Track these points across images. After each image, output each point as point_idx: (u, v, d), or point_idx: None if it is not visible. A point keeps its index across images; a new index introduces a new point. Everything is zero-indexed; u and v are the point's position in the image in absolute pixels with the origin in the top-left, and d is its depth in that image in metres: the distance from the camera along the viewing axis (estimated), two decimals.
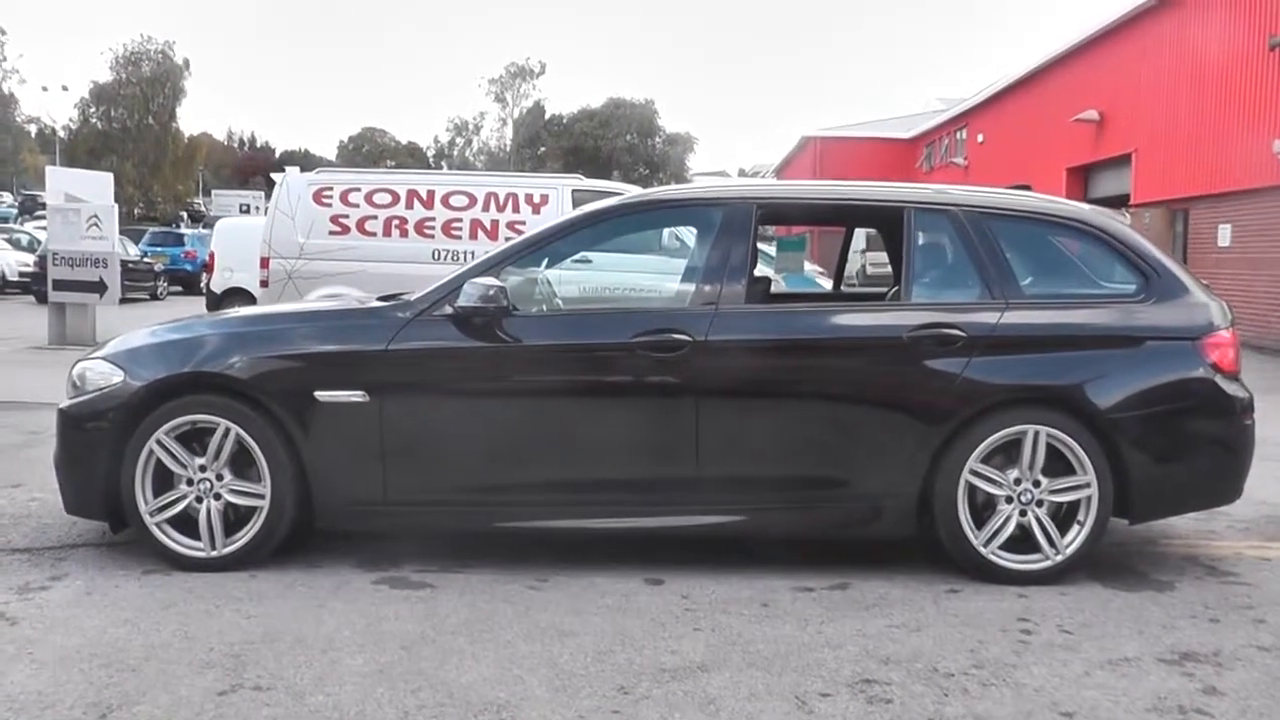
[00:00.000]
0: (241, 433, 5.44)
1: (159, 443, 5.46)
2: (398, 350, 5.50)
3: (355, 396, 5.44)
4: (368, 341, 5.54)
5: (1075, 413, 5.53)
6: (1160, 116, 25.37)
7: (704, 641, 4.68)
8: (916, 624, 4.97)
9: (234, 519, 5.53)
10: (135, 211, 63.54)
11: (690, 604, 5.15)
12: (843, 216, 7.21)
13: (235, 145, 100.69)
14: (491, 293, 5.44)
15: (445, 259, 12.62)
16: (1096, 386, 5.54)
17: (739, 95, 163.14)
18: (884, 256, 10.16)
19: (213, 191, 69.32)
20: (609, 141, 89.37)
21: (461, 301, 5.47)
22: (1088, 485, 5.52)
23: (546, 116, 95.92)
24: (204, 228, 40.97)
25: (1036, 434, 5.50)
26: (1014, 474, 5.53)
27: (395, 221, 13.11)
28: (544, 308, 6.12)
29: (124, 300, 21.51)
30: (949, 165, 44.67)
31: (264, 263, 13.36)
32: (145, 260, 31.33)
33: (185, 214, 63.09)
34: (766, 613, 5.07)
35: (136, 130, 68.37)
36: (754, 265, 5.91)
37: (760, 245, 6.67)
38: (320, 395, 5.44)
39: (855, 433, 5.60)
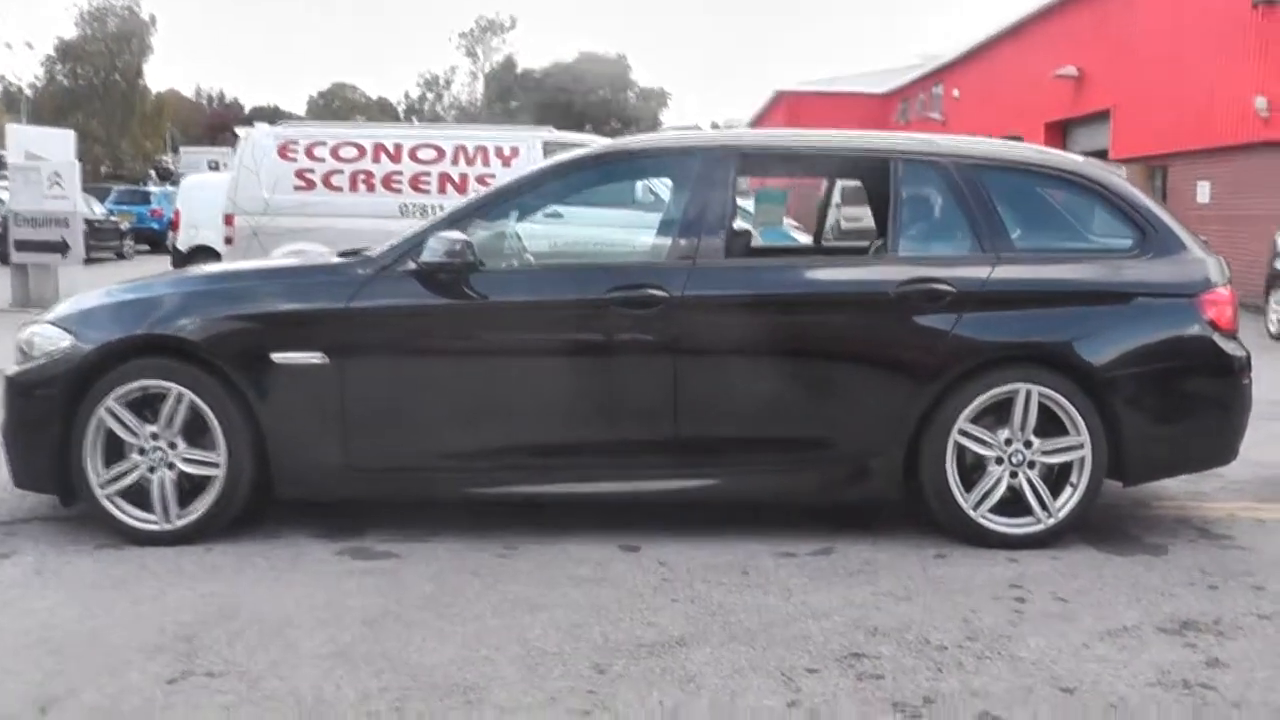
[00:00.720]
0: (194, 398, 5.15)
1: (109, 410, 5.17)
2: (358, 309, 5.22)
3: (313, 358, 5.17)
4: (326, 300, 5.25)
5: (1068, 371, 5.32)
6: (1140, 73, 25.13)
7: (683, 613, 4.45)
8: (905, 592, 4.75)
9: (190, 489, 5.25)
10: (103, 169, 62.72)
11: (668, 572, 4.92)
12: (826, 167, 6.93)
13: (204, 102, 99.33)
14: (457, 247, 5.15)
15: (414, 214, 12.34)
16: (1090, 344, 5.33)
17: (711, 49, 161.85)
18: (859, 211, 9.87)
19: (180, 148, 68.49)
20: (581, 96, 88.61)
21: (425, 257, 5.19)
22: (1081, 446, 5.31)
23: (518, 71, 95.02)
24: (172, 185, 40.33)
25: (1028, 393, 5.28)
26: (1004, 434, 5.32)
27: (362, 176, 12.83)
28: (513, 263, 5.84)
29: (90, 260, 21.12)
30: (925, 120, 44.41)
31: (228, 220, 13.11)
32: (111, 219, 30.82)
33: (154, 171, 62.27)
34: (748, 581, 4.84)
35: (103, 87, 67.40)
36: (733, 218, 5.65)
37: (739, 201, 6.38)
38: (276, 357, 5.16)
39: (840, 392, 5.37)
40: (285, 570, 4.88)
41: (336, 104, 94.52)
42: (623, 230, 10.16)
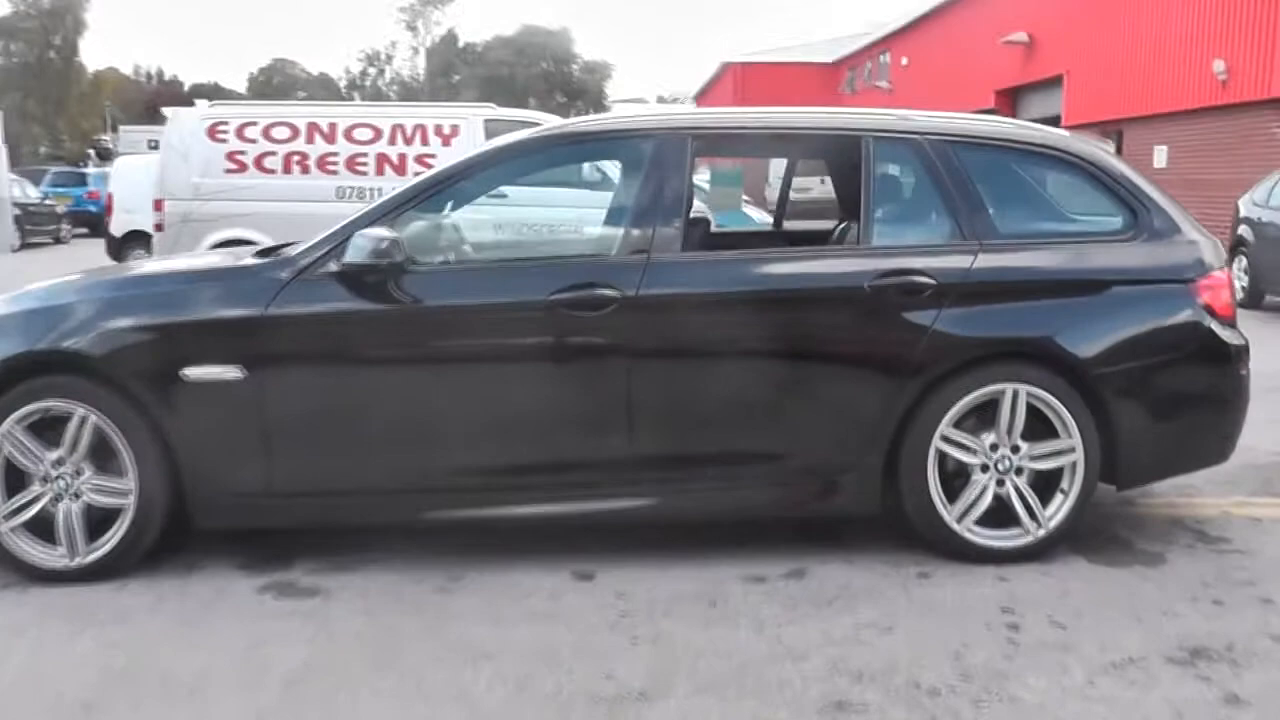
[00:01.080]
0: (100, 420, 4.63)
1: (7, 434, 4.64)
2: (275, 317, 4.68)
3: (229, 373, 4.64)
4: (240, 307, 4.71)
5: (1058, 367, 4.88)
6: (1093, 37, 24.88)
7: (644, 658, 3.97)
8: (888, 621, 4.31)
9: (102, 520, 4.72)
10: (41, 150, 61.44)
11: (626, 605, 4.44)
12: (789, 146, 6.44)
13: (143, 80, 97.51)
14: (384, 246, 4.62)
15: (350, 197, 11.79)
16: (1082, 337, 4.89)
17: (655, 22, 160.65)
18: (806, 182, 9.45)
19: (120, 128, 67.22)
20: (524, 69, 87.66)
21: (349, 257, 4.65)
22: (1072, 449, 4.88)
23: (460, 45, 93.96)
24: (111, 166, 39.28)
25: (1016, 393, 4.84)
26: (990, 439, 4.89)
27: (296, 157, 12.22)
28: (450, 258, 5.32)
29: (26, 245, 20.40)
30: (872, 89, 44.12)
31: (158, 205, 12.47)
32: (47, 202, 29.89)
33: (93, 151, 60.93)
34: (715, 614, 4.38)
35: (38, 66, 65.98)
36: (690, 205, 5.15)
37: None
38: (187, 373, 4.64)
39: (811, 398, 4.89)
40: (202, 612, 4.38)
41: (278, 81, 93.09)
42: (570, 210, 9.67)
